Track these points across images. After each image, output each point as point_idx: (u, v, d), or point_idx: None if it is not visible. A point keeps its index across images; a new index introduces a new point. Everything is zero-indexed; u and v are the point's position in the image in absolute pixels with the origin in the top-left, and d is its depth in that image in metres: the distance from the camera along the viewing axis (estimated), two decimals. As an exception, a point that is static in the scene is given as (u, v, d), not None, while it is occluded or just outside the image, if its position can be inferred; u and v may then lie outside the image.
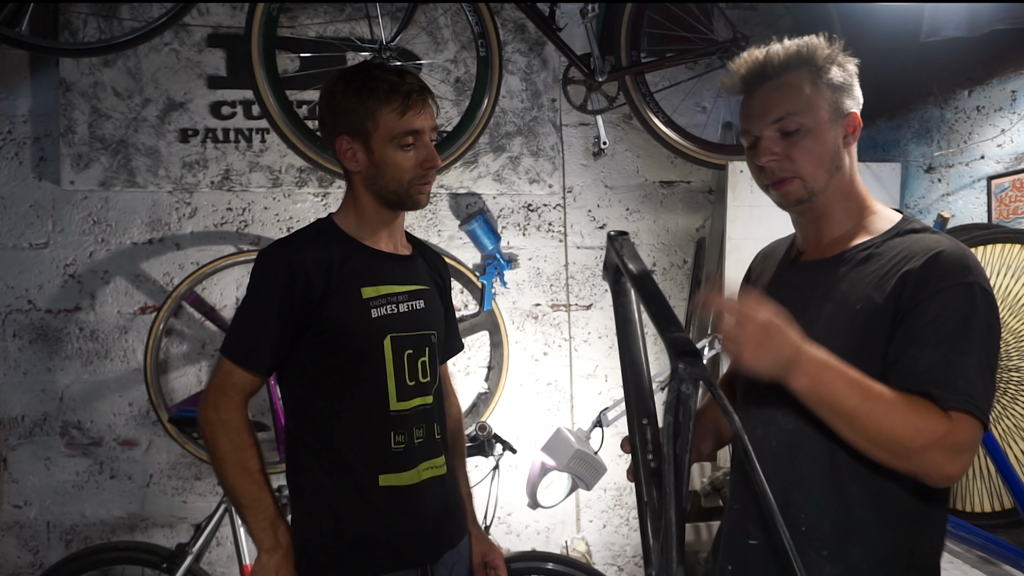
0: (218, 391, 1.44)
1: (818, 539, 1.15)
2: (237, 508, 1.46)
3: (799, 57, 1.20)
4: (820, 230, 1.26)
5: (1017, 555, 1.76)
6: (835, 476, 1.14)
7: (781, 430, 1.19)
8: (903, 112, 2.61)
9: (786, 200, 1.23)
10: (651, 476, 1.00)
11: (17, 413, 2.70)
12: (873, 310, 1.13)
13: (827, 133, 1.19)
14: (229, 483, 1.43)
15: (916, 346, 1.08)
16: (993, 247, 2.03)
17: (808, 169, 1.19)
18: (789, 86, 1.20)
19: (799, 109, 1.18)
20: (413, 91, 1.45)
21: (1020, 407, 1.90)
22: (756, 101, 1.22)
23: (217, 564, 2.75)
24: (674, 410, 0.83)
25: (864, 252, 1.19)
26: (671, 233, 3.04)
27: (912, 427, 1.03)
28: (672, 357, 0.86)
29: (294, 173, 2.80)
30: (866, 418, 1.04)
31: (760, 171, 1.23)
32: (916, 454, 1.04)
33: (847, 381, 1.05)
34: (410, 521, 1.49)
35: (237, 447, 1.42)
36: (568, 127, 2.99)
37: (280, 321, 1.43)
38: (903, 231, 1.19)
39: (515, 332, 2.93)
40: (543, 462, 2.70)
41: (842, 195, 1.23)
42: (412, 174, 1.48)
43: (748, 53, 1.25)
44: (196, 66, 2.75)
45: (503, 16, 2.87)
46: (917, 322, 1.09)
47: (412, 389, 1.51)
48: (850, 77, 1.23)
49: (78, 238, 2.73)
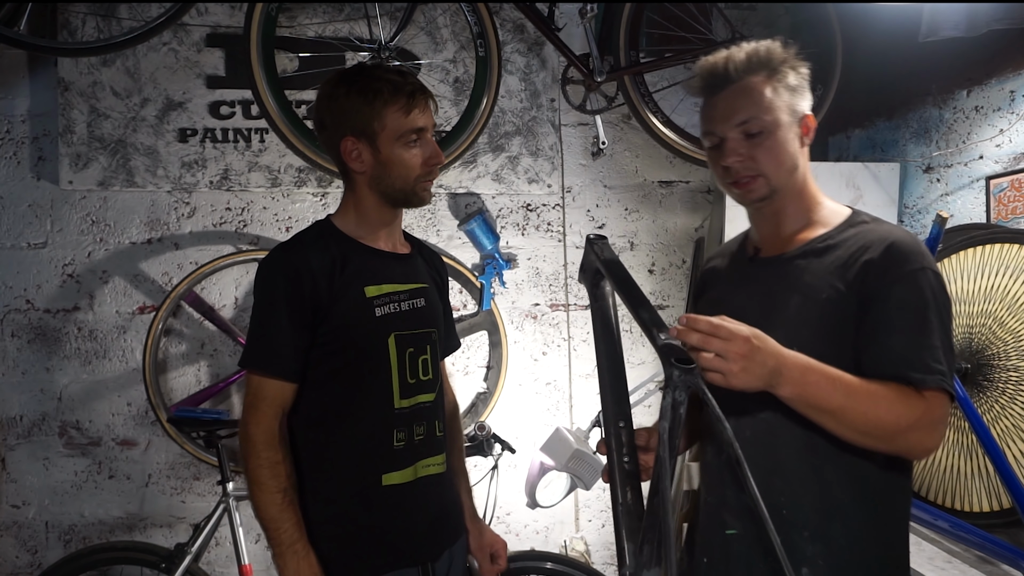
0: (250, 407, 1.44)
1: (799, 521, 1.20)
2: (263, 529, 1.44)
3: (758, 61, 1.26)
4: (778, 225, 1.33)
5: (1016, 555, 1.76)
6: (813, 459, 1.20)
7: (756, 419, 1.23)
8: (902, 112, 2.62)
9: (749, 198, 1.30)
10: (626, 478, 1.02)
11: (16, 413, 2.70)
12: (839, 299, 1.19)
13: (787, 134, 1.26)
14: (253, 503, 1.43)
15: (885, 332, 1.16)
16: (992, 247, 2.03)
17: (771, 168, 1.26)
18: (751, 89, 1.25)
19: (762, 112, 1.24)
20: (416, 90, 1.48)
21: (1019, 407, 1.91)
22: (720, 104, 1.28)
23: (216, 564, 2.75)
24: (669, 416, 0.84)
25: (822, 244, 1.26)
26: (670, 233, 3.04)
27: (894, 412, 1.11)
28: (666, 365, 0.86)
29: (293, 173, 2.80)
30: (851, 412, 1.11)
31: (725, 170, 1.29)
32: (900, 436, 1.12)
33: (829, 380, 1.11)
34: (410, 519, 1.49)
35: (262, 465, 1.41)
36: (567, 127, 2.99)
37: (297, 323, 1.43)
38: (855, 223, 1.28)
39: (514, 332, 2.94)
40: (542, 462, 2.70)
41: (798, 192, 1.30)
42: (418, 171, 1.50)
43: (710, 57, 1.31)
44: (195, 66, 2.75)
45: (502, 16, 2.87)
46: (882, 309, 1.17)
47: (414, 387, 1.52)
48: (803, 80, 1.30)
49: (77, 238, 2.73)
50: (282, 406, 1.45)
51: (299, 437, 1.50)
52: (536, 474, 2.73)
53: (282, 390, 1.44)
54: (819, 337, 1.19)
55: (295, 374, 1.45)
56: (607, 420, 1.09)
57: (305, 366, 1.46)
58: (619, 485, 1.01)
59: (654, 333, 0.93)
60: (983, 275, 2.04)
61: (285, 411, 1.46)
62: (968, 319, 2.06)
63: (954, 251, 2.11)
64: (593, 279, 1.21)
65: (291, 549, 1.41)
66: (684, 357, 0.85)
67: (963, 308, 2.08)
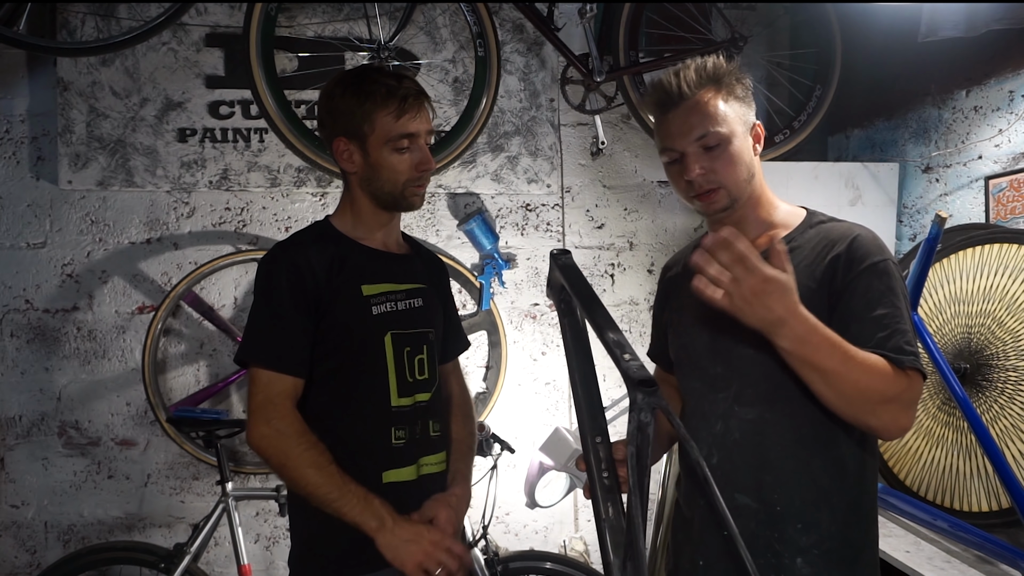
0: (264, 405, 1.40)
1: (792, 514, 1.26)
2: (326, 505, 1.38)
3: (707, 76, 1.31)
4: (741, 232, 1.32)
5: (1015, 554, 1.76)
6: (801, 452, 1.26)
7: (743, 421, 1.29)
8: (901, 112, 2.62)
9: (711, 209, 1.33)
10: (607, 493, 1.02)
11: (15, 413, 2.70)
12: (811, 296, 1.22)
13: (742, 144, 1.31)
14: (309, 484, 1.37)
15: (857, 322, 1.21)
16: (991, 247, 2.03)
17: (730, 179, 1.30)
18: (705, 104, 1.30)
19: (717, 125, 1.29)
20: (409, 95, 1.48)
21: (1018, 407, 1.91)
22: (676, 120, 1.31)
23: (215, 564, 2.74)
24: (635, 440, 0.84)
25: (787, 246, 1.29)
26: (669, 233, 3.05)
27: (882, 383, 1.16)
28: (630, 388, 0.87)
29: (292, 173, 2.80)
30: (844, 377, 1.14)
31: (688, 184, 1.32)
32: (880, 407, 1.16)
33: (830, 344, 1.14)
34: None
35: (306, 447, 1.38)
36: (566, 127, 2.99)
37: (303, 319, 1.43)
38: (813, 223, 1.34)
39: (513, 332, 2.94)
40: (541, 462, 2.70)
41: (756, 199, 1.36)
42: (407, 176, 1.50)
43: (661, 76, 1.35)
44: (194, 66, 2.75)
45: (501, 16, 2.87)
46: (851, 300, 1.23)
47: (412, 386, 1.52)
48: (749, 91, 1.36)
49: (76, 238, 2.73)
50: (296, 399, 1.44)
51: None
52: (535, 474, 2.73)
53: (294, 385, 1.43)
54: None
55: (304, 370, 1.45)
56: (584, 436, 1.09)
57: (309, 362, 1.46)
58: (601, 501, 1.02)
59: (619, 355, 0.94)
60: (982, 275, 2.04)
61: (296, 404, 1.44)
62: (967, 319, 2.06)
63: (953, 251, 2.12)
64: (560, 295, 1.22)
65: (399, 523, 1.39)
66: (647, 379, 0.87)
67: (962, 308, 2.08)
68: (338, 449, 1.46)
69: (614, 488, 1.03)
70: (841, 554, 1.27)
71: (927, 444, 2.13)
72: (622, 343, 0.97)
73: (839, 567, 1.27)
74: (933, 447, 2.11)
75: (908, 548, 1.94)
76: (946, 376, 1.86)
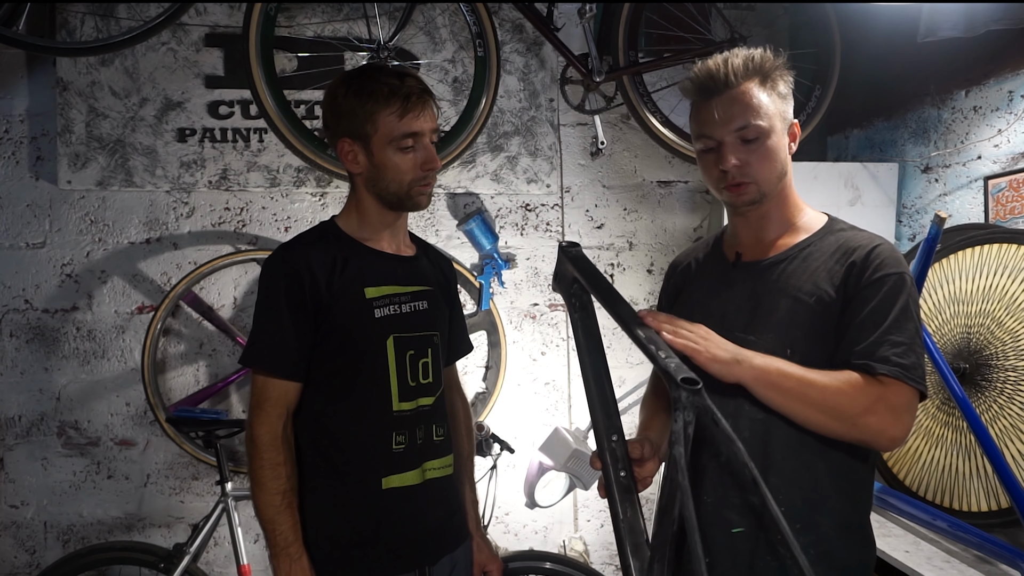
0: (256, 408, 1.44)
1: (792, 515, 1.25)
2: (261, 529, 1.45)
3: (754, 67, 1.29)
4: (761, 230, 1.37)
5: (1014, 554, 1.76)
6: (805, 455, 1.26)
7: (752, 420, 1.28)
8: (900, 112, 2.62)
9: (740, 201, 1.33)
10: (624, 492, 1.00)
11: (14, 413, 2.69)
12: (829, 302, 1.25)
13: (779, 141, 1.30)
14: (254, 503, 1.44)
15: (856, 328, 1.22)
16: (990, 247, 2.04)
17: (763, 174, 1.30)
18: (749, 96, 1.28)
19: (759, 118, 1.28)
20: (413, 94, 1.46)
21: (1017, 407, 1.91)
22: (717, 108, 1.30)
23: (215, 564, 2.75)
24: (682, 440, 0.82)
25: (805, 250, 1.32)
26: (669, 233, 3.05)
27: (847, 396, 1.17)
28: (672, 387, 0.84)
29: (292, 173, 2.80)
30: (807, 395, 1.18)
31: (722, 174, 1.31)
32: (859, 418, 1.17)
33: (782, 364, 1.19)
34: (410, 523, 1.49)
35: (264, 465, 1.42)
36: (566, 127, 2.99)
37: (299, 323, 1.43)
38: (834, 230, 1.34)
39: (513, 332, 2.94)
40: (541, 462, 2.71)
41: (783, 198, 1.35)
42: (412, 176, 1.49)
43: (708, 61, 1.32)
44: (194, 65, 2.75)
45: (501, 16, 2.87)
46: (858, 307, 1.23)
47: (414, 390, 1.51)
48: (790, 88, 1.34)
49: (75, 238, 2.72)
50: (287, 406, 1.45)
51: (301, 438, 1.49)
52: (535, 474, 2.74)
53: (287, 390, 1.44)
54: (810, 337, 1.25)
55: (299, 373, 1.45)
56: (599, 435, 1.07)
57: (309, 365, 1.46)
58: (619, 501, 1.00)
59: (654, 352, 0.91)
60: (981, 275, 2.04)
61: (290, 411, 1.45)
62: (966, 319, 2.06)
63: (952, 251, 2.12)
64: (571, 288, 1.18)
65: (285, 552, 1.42)
66: (690, 378, 0.84)
67: (961, 308, 2.08)
68: (337, 453, 1.46)
69: (631, 487, 1.02)
70: (836, 554, 1.27)
71: (926, 444, 2.13)
72: (654, 339, 0.94)
73: (836, 568, 1.27)
74: (932, 447, 2.11)
75: (907, 548, 1.94)
76: (945, 376, 1.86)
